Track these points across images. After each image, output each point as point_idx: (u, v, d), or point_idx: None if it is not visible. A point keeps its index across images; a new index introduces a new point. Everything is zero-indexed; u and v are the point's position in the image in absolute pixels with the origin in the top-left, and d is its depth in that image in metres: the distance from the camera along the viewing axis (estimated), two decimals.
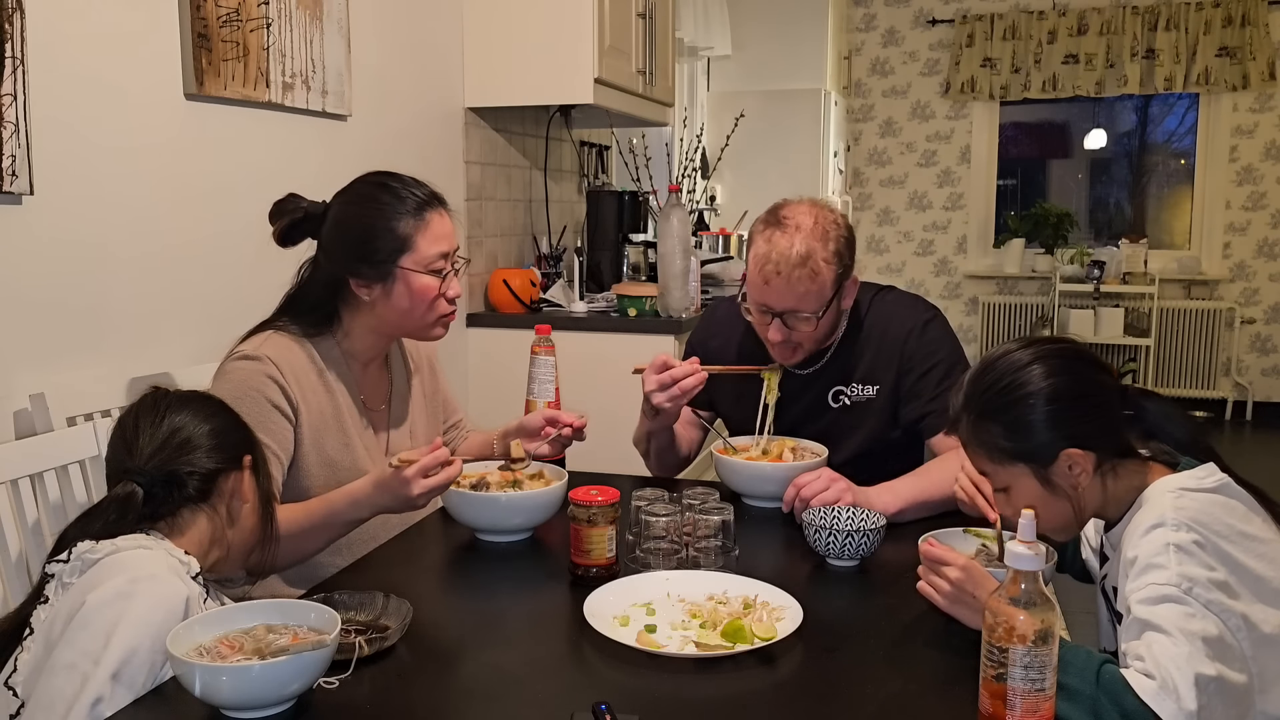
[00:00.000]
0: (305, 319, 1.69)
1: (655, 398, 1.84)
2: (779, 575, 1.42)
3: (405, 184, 1.68)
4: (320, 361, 1.67)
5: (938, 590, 1.29)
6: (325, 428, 1.66)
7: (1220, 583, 1.15)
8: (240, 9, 2.15)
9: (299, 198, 1.71)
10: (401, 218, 1.64)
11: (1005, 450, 1.30)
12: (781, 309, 1.81)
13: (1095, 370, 1.32)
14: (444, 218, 1.70)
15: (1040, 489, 1.30)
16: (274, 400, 1.59)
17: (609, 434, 2.01)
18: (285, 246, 1.71)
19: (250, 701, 1.08)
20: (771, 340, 1.86)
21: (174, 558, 1.23)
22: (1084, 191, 6.96)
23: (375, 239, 1.64)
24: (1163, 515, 1.20)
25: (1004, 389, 1.30)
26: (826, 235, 1.80)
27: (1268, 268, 6.29)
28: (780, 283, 1.78)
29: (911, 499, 1.72)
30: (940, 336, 1.92)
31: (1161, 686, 1.08)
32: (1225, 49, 6.05)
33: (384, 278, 1.65)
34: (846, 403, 1.94)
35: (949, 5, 6.62)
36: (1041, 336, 1.39)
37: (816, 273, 1.78)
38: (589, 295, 3.46)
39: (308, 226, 1.70)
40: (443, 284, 1.68)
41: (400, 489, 1.47)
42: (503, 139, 3.43)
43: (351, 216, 1.67)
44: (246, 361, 1.60)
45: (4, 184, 1.66)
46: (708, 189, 5.24)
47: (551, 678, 1.23)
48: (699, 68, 5.76)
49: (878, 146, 6.87)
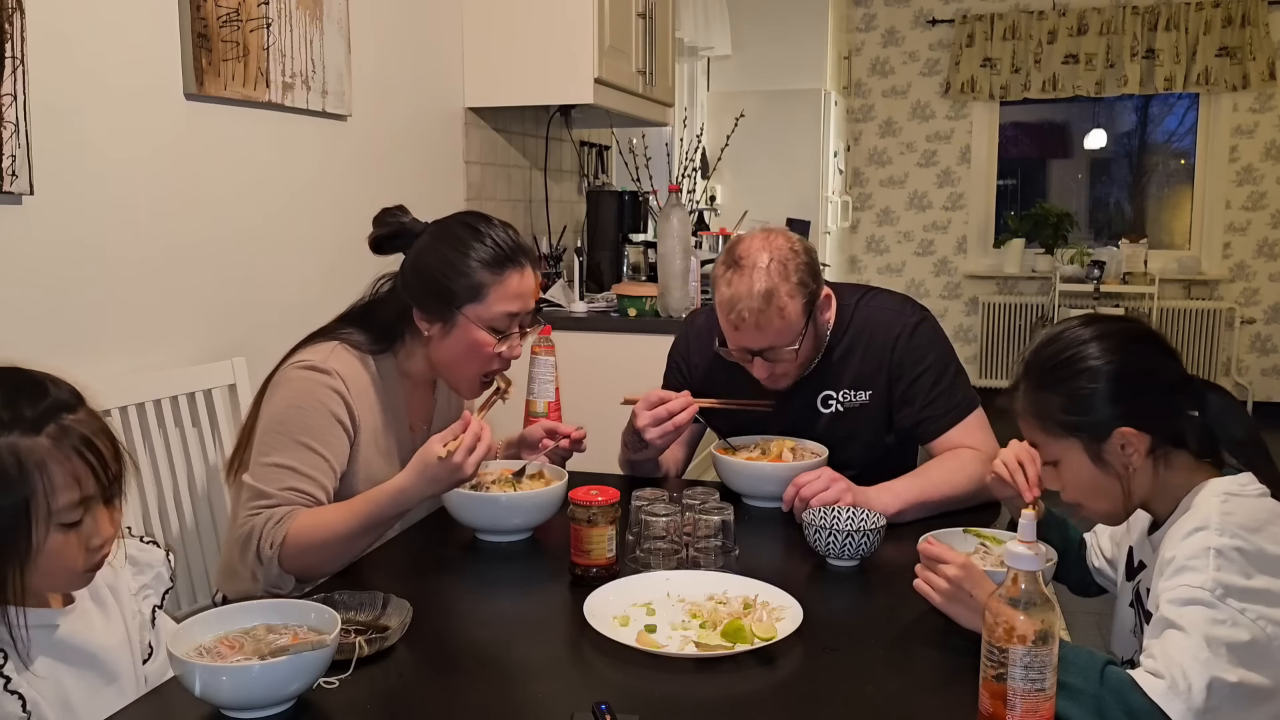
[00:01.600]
0: (372, 335, 1.68)
1: (649, 433, 1.82)
2: (779, 575, 1.42)
3: (495, 231, 1.66)
4: (380, 379, 1.67)
5: (934, 588, 1.29)
6: (375, 445, 1.66)
7: (1260, 591, 1.14)
8: (240, 9, 2.15)
9: (404, 211, 1.71)
10: (480, 267, 1.63)
11: (1061, 422, 1.29)
12: (758, 349, 1.80)
13: (1161, 353, 1.31)
14: (525, 276, 1.67)
15: (1091, 466, 1.29)
16: (338, 415, 1.58)
17: (609, 434, 2.01)
18: (377, 254, 1.71)
19: (250, 701, 1.08)
20: (759, 376, 1.84)
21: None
22: (1084, 191, 6.97)
23: (448, 282, 1.63)
24: (1207, 519, 1.19)
25: (1067, 360, 1.29)
26: (785, 268, 1.76)
27: (1268, 268, 6.29)
28: (749, 326, 1.76)
29: (911, 499, 1.72)
30: (929, 340, 1.90)
31: (1170, 686, 1.08)
32: (1225, 49, 6.05)
33: (445, 320, 1.64)
34: (839, 409, 1.92)
35: (949, 5, 6.62)
36: (1110, 315, 1.38)
37: (783, 308, 1.75)
38: (589, 295, 3.46)
39: (400, 242, 1.69)
40: (501, 343, 1.66)
41: (453, 474, 1.46)
42: (503, 139, 3.43)
43: (434, 251, 1.65)
44: (314, 373, 1.59)
45: (4, 184, 1.66)
46: (708, 189, 5.24)
47: (551, 678, 1.23)
48: (699, 68, 5.76)
49: (878, 146, 6.87)
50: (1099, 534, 1.57)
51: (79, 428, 1.06)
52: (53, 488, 1.04)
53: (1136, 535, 1.40)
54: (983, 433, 1.85)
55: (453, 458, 1.44)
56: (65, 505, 1.05)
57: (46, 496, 1.03)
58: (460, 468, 1.45)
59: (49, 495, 1.03)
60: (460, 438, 1.45)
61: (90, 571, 1.11)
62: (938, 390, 1.86)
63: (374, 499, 1.50)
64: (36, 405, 1.06)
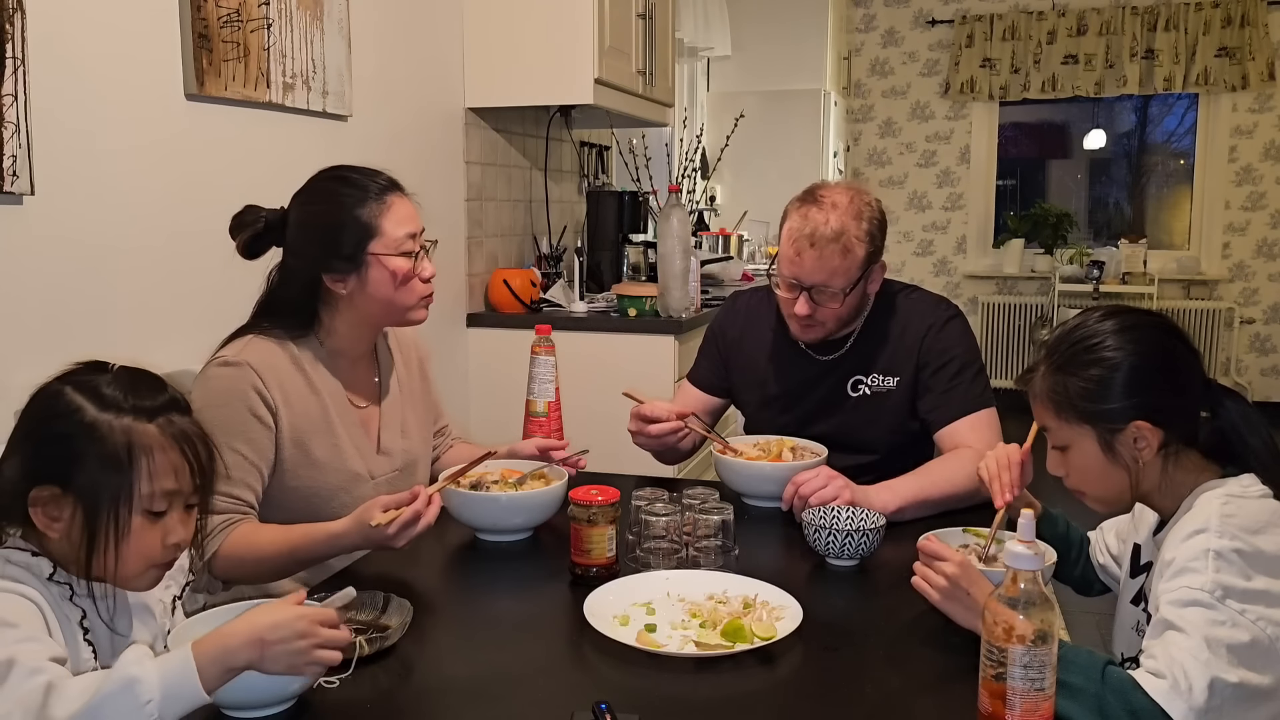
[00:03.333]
0: (286, 321, 1.68)
1: (635, 439, 1.93)
2: (779, 575, 1.42)
3: (362, 174, 1.68)
4: (304, 363, 1.67)
5: (932, 585, 1.29)
6: (312, 429, 1.64)
7: (1259, 592, 1.14)
8: (241, 9, 2.15)
9: (257, 208, 1.70)
10: (363, 206, 1.64)
11: (1077, 408, 1.29)
12: (811, 283, 1.84)
13: (1186, 351, 1.31)
14: (405, 201, 1.70)
15: (1101, 455, 1.29)
16: (253, 409, 1.58)
17: (609, 434, 2.01)
18: (249, 259, 1.70)
19: (250, 701, 1.09)
20: (797, 314, 1.88)
21: None
22: (1083, 192, 6.97)
23: (341, 231, 1.64)
24: (1207, 520, 1.19)
25: (1091, 346, 1.29)
26: (860, 215, 1.85)
27: (1267, 268, 6.29)
28: (812, 256, 1.82)
29: (911, 498, 1.72)
30: (959, 334, 1.95)
31: (1173, 686, 1.08)
32: (1225, 49, 6.06)
33: (357, 267, 1.64)
34: (866, 393, 1.96)
35: (949, 5, 6.62)
36: (1138, 308, 1.37)
37: (849, 249, 1.82)
38: (589, 295, 3.46)
39: (270, 236, 1.69)
40: (415, 264, 1.68)
41: (383, 542, 1.46)
42: (503, 139, 3.43)
43: (314, 214, 1.66)
44: (227, 368, 1.60)
45: (4, 184, 1.66)
46: (707, 189, 5.24)
47: (551, 678, 1.24)
48: (699, 68, 5.76)
49: (877, 147, 6.87)
50: (1104, 530, 1.57)
51: (186, 427, 1.16)
52: (152, 472, 1.11)
53: (1144, 533, 1.40)
54: (990, 433, 1.86)
55: (387, 528, 1.43)
56: (159, 492, 1.12)
57: (145, 479, 1.11)
58: (392, 539, 1.44)
59: (148, 479, 1.11)
60: (402, 510, 1.44)
61: (161, 569, 1.17)
62: (957, 382, 1.89)
63: (310, 535, 1.51)
64: (154, 398, 1.15)
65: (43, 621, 1.07)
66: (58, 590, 1.13)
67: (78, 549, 1.11)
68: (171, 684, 0.99)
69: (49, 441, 1.12)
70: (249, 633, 1.04)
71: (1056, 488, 1.40)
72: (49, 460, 1.11)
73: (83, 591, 1.14)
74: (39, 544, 1.14)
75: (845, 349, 1.97)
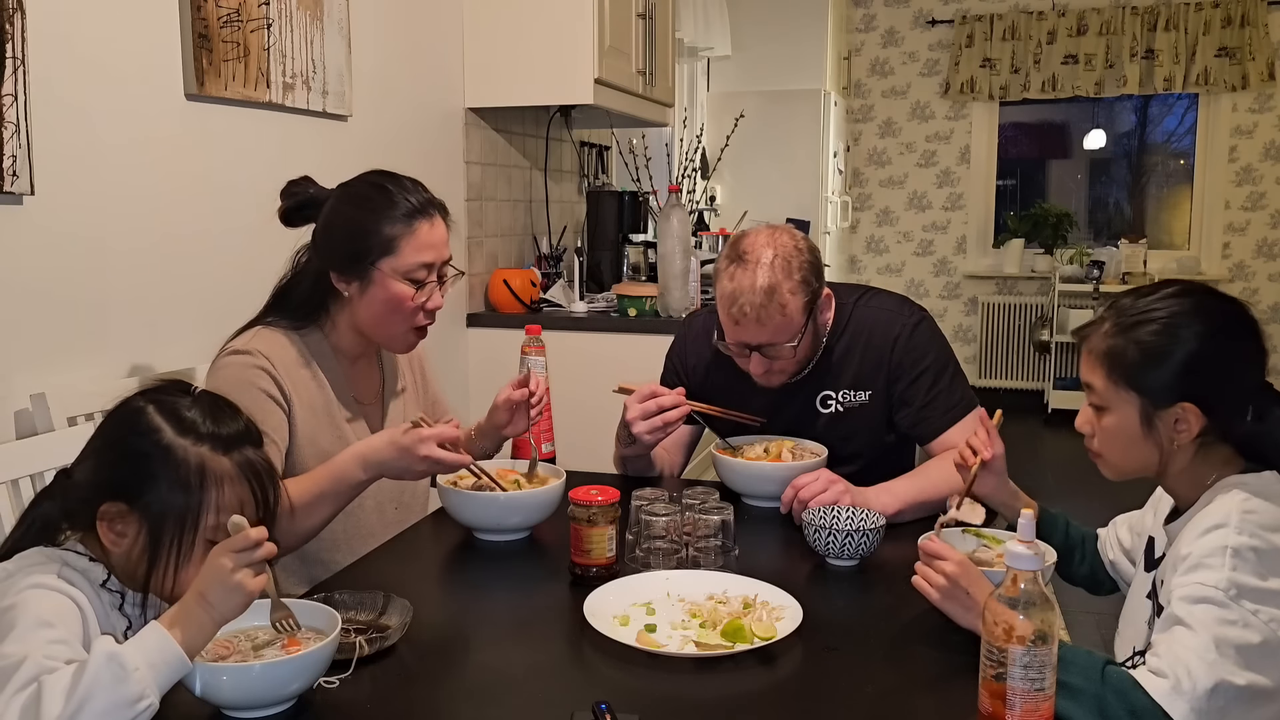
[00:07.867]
0: (294, 313, 1.69)
1: (637, 427, 1.81)
2: (779, 575, 1.42)
3: (403, 187, 1.66)
4: (309, 354, 1.67)
5: (931, 583, 1.28)
6: (317, 421, 1.65)
7: (1274, 592, 1.13)
8: (241, 9, 2.15)
9: (310, 181, 1.71)
10: (390, 221, 1.63)
11: (1129, 374, 1.27)
12: (757, 344, 1.80)
13: (1256, 349, 1.28)
14: (436, 227, 1.67)
15: (1138, 426, 1.27)
16: (268, 391, 1.59)
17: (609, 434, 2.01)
18: (288, 226, 1.71)
19: (250, 701, 1.09)
20: (754, 373, 1.84)
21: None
22: (1083, 192, 6.97)
23: (360, 237, 1.63)
24: (1226, 517, 1.18)
25: (1163, 319, 1.26)
26: (789, 265, 1.77)
27: (1267, 268, 6.29)
28: (750, 321, 1.76)
29: (910, 499, 1.72)
30: (928, 340, 1.90)
31: (1174, 686, 1.07)
32: (1224, 49, 6.06)
33: (361, 278, 1.64)
34: (838, 409, 1.93)
35: (948, 5, 6.62)
36: (1221, 292, 1.32)
37: (784, 305, 1.75)
38: (589, 295, 3.46)
39: (309, 212, 1.69)
40: (419, 294, 1.65)
41: (412, 446, 1.48)
42: (503, 139, 3.43)
43: (343, 212, 1.66)
44: (237, 356, 1.61)
45: (4, 184, 1.66)
46: (707, 189, 5.24)
47: (551, 678, 1.24)
48: (699, 68, 5.76)
49: (877, 147, 6.87)
50: (1117, 525, 1.56)
51: (257, 461, 1.19)
52: (220, 505, 1.14)
53: (1158, 524, 1.39)
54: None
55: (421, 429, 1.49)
56: (223, 524, 1.12)
57: (212, 511, 1.14)
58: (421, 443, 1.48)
59: (215, 511, 1.14)
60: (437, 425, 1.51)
61: None
62: (936, 390, 1.86)
63: (333, 464, 1.54)
64: (231, 428, 1.19)
65: (82, 626, 1.08)
66: (108, 599, 1.15)
67: (136, 565, 1.14)
68: (150, 650, 1.00)
69: (126, 457, 1.15)
70: (190, 592, 1.05)
71: (1057, 488, 1.40)
72: (123, 476, 1.14)
73: (133, 602, 1.16)
74: (96, 550, 1.16)
75: (809, 369, 1.92)
